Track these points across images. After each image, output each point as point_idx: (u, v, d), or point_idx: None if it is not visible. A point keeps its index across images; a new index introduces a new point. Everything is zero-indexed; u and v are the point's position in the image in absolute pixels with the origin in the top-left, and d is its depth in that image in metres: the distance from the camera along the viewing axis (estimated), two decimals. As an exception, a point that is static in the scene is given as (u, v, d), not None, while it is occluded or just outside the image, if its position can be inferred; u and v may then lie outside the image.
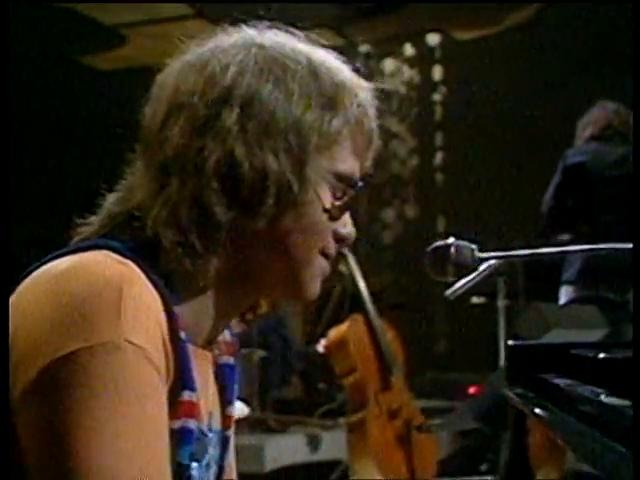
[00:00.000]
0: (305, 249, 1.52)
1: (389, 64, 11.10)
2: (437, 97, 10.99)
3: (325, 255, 1.55)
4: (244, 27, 1.57)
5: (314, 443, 6.97)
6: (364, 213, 11.07)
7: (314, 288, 1.57)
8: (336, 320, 6.54)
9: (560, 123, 6.35)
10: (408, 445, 5.77)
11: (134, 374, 1.29)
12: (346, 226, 1.58)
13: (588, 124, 5.83)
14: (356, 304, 6.17)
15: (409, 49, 11.01)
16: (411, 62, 11.07)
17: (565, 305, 5.71)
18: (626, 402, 1.64)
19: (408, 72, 11.10)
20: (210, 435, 1.55)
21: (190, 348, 1.43)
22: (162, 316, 1.36)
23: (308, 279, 1.55)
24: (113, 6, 9.10)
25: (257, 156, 1.44)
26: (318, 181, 1.50)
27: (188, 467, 1.44)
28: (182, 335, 1.39)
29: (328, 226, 1.53)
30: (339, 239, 1.57)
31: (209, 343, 1.57)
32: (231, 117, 1.45)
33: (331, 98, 1.51)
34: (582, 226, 5.75)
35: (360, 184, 1.58)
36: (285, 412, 7.64)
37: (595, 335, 4.47)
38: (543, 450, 4.66)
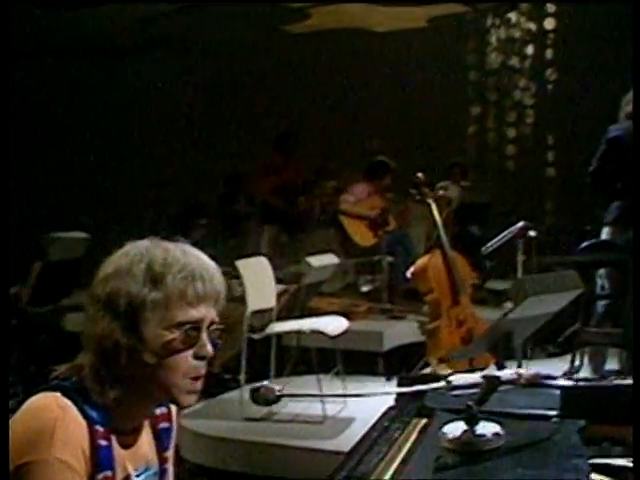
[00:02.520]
0: (167, 377, 1.74)
1: (511, 17, 11.01)
2: (548, 41, 10.80)
3: (187, 374, 1.75)
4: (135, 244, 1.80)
5: (423, 328, 6.79)
6: (493, 131, 11.22)
7: (186, 400, 1.77)
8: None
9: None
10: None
11: (58, 478, 1.64)
12: (202, 348, 1.75)
13: (628, 102, 5.79)
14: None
15: (525, 6, 10.89)
16: (528, 15, 10.95)
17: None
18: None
19: (526, 23, 10.99)
20: (140, 478, 1.84)
21: (114, 440, 1.75)
22: (84, 436, 1.69)
23: (177, 394, 1.76)
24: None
25: (110, 331, 1.71)
26: (155, 333, 1.72)
27: None
28: (101, 442, 1.71)
29: (183, 355, 1.74)
30: (199, 357, 1.75)
31: (138, 427, 1.85)
32: (99, 312, 1.73)
33: (157, 281, 1.71)
34: (617, 183, 5.84)
35: (213, 318, 1.78)
36: (405, 304, 7.80)
37: (568, 297, 4.54)
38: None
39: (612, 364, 6.01)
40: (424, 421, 2.21)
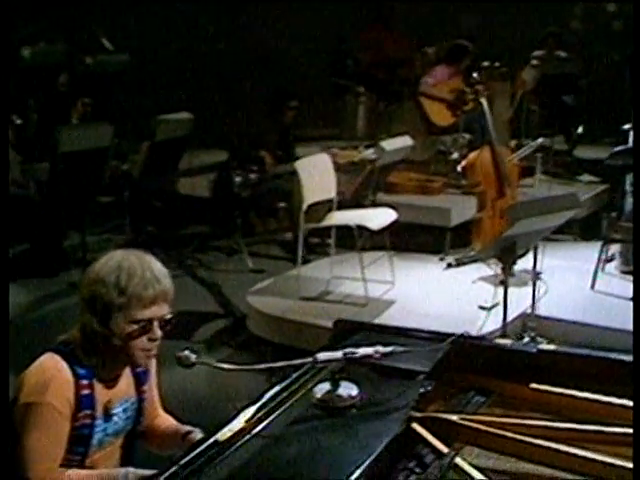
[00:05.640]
0: (130, 352, 2.42)
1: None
2: None
3: (144, 350, 2.42)
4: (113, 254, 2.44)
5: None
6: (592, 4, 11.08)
7: (143, 363, 2.49)
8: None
9: None
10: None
11: (47, 417, 2.31)
12: (154, 334, 2.40)
13: None
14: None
15: None
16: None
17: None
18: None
19: None
20: (115, 411, 2.48)
21: (96, 387, 2.41)
22: (71, 389, 2.36)
23: (137, 362, 2.48)
24: None
25: (90, 322, 2.38)
26: (121, 327, 2.36)
27: (90, 436, 2.44)
28: (84, 391, 2.38)
29: (140, 339, 2.39)
30: (152, 339, 2.41)
31: (117, 375, 2.51)
32: (84, 307, 2.40)
33: (122, 289, 2.33)
34: None
35: (166, 314, 2.40)
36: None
37: (565, 215, 4.97)
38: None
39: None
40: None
